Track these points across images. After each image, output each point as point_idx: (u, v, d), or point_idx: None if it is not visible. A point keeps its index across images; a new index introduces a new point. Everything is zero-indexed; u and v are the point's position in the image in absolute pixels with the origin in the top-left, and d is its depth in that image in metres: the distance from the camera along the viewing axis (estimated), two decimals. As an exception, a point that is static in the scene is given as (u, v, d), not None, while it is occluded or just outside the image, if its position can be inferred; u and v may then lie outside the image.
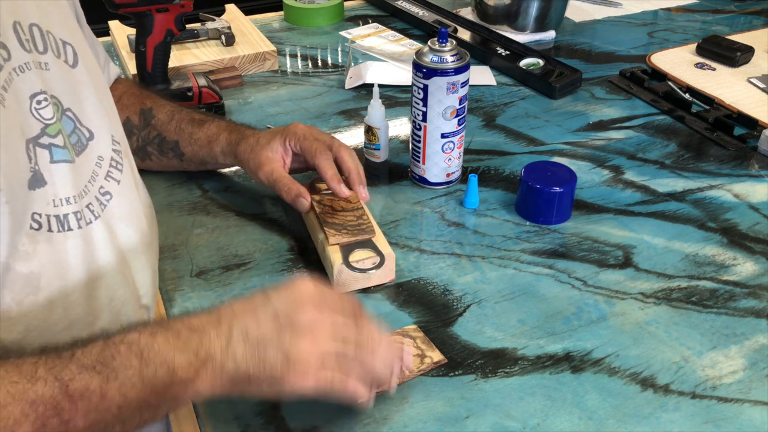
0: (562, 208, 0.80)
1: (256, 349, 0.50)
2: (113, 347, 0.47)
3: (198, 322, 0.50)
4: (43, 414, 0.43)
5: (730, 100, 1.05)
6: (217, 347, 0.49)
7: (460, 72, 0.78)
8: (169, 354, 0.48)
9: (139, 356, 0.47)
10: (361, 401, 0.52)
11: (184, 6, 0.91)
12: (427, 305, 0.69)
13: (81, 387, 0.45)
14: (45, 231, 0.53)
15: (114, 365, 0.46)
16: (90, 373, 0.45)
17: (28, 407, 0.43)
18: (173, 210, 0.83)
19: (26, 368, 0.44)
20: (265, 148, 0.78)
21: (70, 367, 0.45)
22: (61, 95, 0.56)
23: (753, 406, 0.59)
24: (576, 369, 0.62)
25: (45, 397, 0.44)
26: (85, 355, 0.46)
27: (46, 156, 0.54)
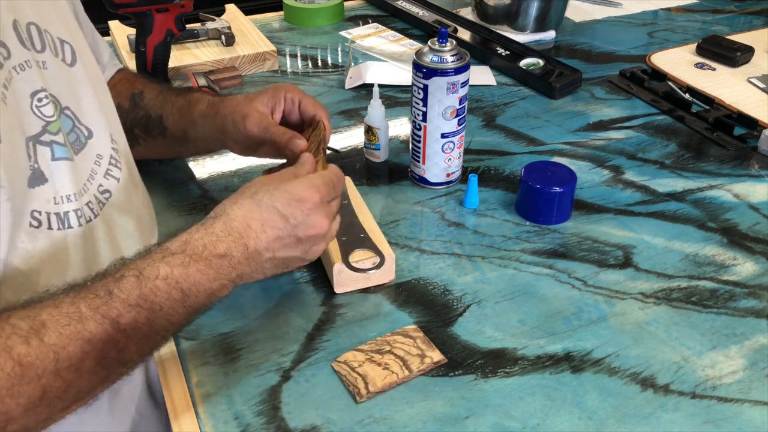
0: (562, 208, 0.80)
1: (283, 263, 0.58)
2: (150, 283, 0.50)
3: (224, 247, 0.54)
4: (102, 349, 0.47)
5: (730, 100, 1.05)
6: (248, 267, 0.56)
7: (460, 72, 0.78)
8: (207, 284, 0.53)
9: (179, 289, 0.51)
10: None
11: (184, 6, 0.91)
12: (427, 305, 0.69)
13: (131, 321, 0.49)
14: (45, 228, 0.54)
15: (158, 300, 0.50)
16: (137, 310, 0.49)
17: (86, 345, 0.46)
18: (173, 210, 0.83)
19: (67, 309, 0.47)
20: (253, 101, 0.74)
21: (114, 305, 0.48)
22: (59, 94, 0.56)
23: (753, 406, 0.59)
24: (576, 369, 0.62)
25: (100, 335, 0.47)
26: (124, 292, 0.49)
27: (48, 153, 0.54)
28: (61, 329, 0.46)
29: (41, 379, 0.44)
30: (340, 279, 0.69)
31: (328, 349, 0.64)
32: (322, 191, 0.59)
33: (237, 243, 0.55)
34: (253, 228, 0.55)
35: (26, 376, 0.44)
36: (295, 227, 0.57)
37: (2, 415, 0.43)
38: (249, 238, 0.55)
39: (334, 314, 0.68)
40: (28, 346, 0.44)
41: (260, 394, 0.60)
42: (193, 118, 0.77)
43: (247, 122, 0.72)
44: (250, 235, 0.55)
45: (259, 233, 0.56)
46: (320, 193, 0.59)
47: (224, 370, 0.62)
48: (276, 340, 0.65)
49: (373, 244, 0.71)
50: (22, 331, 0.45)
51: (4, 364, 0.43)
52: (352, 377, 0.60)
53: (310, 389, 0.60)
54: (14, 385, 0.43)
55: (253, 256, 0.56)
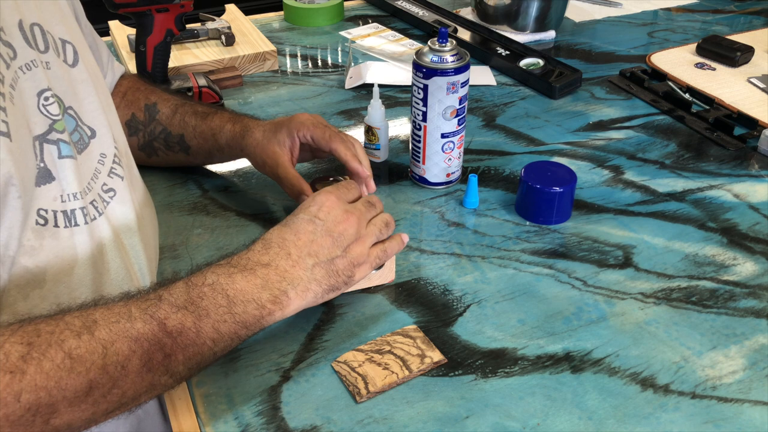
0: (562, 208, 0.80)
1: (329, 266, 0.59)
2: (197, 289, 0.52)
3: (267, 258, 0.57)
4: (148, 349, 0.48)
5: (730, 100, 1.05)
6: (296, 274, 0.57)
7: (460, 72, 0.78)
8: (254, 292, 0.54)
9: (225, 296, 0.53)
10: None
11: (184, 6, 0.91)
12: (427, 305, 0.69)
13: (177, 324, 0.50)
14: (51, 226, 0.54)
15: (204, 305, 0.52)
16: (183, 312, 0.51)
17: (133, 343, 0.48)
18: (173, 210, 0.83)
19: (118, 309, 0.49)
20: (272, 141, 0.77)
21: (162, 307, 0.50)
22: (62, 94, 0.57)
23: (753, 406, 0.59)
24: (576, 369, 0.62)
25: (147, 334, 0.48)
26: (173, 296, 0.51)
27: (54, 152, 0.55)
28: (111, 326, 0.47)
29: (89, 372, 0.45)
30: (340, 279, 0.69)
31: (328, 349, 0.64)
32: (334, 193, 0.64)
33: (279, 253, 0.58)
34: (288, 239, 0.59)
35: (75, 369, 0.45)
36: (324, 224, 0.60)
37: (48, 407, 0.44)
38: (290, 248, 0.58)
39: (334, 314, 0.68)
40: (79, 339, 0.46)
41: (260, 394, 0.60)
42: (220, 146, 0.81)
43: (266, 167, 0.77)
44: (289, 245, 0.58)
45: (295, 240, 0.59)
46: (334, 194, 0.63)
47: (224, 370, 0.62)
48: (276, 340, 0.65)
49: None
50: (75, 327, 0.46)
51: (55, 355, 0.44)
52: (352, 377, 0.61)
53: (310, 389, 0.60)
54: (62, 378, 0.44)
55: (299, 262, 0.58)
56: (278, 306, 0.56)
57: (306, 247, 0.59)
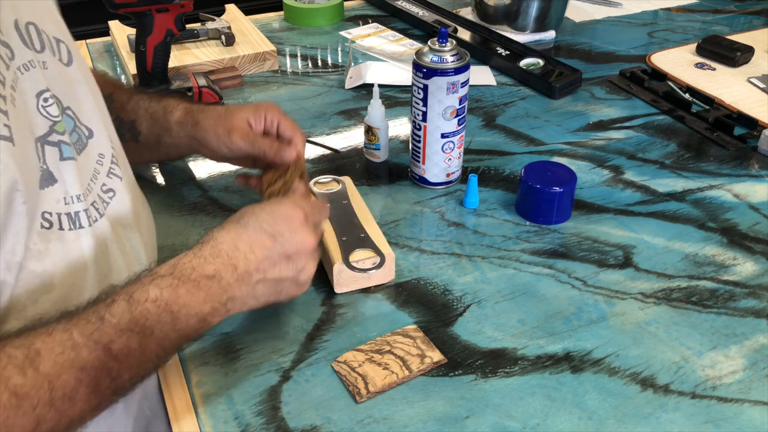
0: (562, 208, 0.80)
1: (275, 286, 0.58)
2: (140, 306, 0.50)
3: (212, 269, 0.54)
4: (95, 377, 0.47)
5: (730, 100, 1.05)
6: (239, 291, 0.55)
7: (460, 72, 0.78)
8: (197, 306, 0.53)
9: (169, 312, 0.51)
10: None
11: (184, 6, 0.91)
12: (427, 305, 0.69)
13: (123, 347, 0.48)
14: (56, 229, 0.54)
15: (149, 324, 0.50)
16: (128, 335, 0.49)
17: (80, 373, 0.46)
18: (173, 210, 0.83)
19: (60, 337, 0.47)
20: (236, 115, 0.75)
21: (106, 330, 0.48)
22: (60, 94, 0.56)
23: (753, 406, 0.59)
24: (576, 369, 0.62)
25: (93, 362, 0.47)
26: (115, 317, 0.49)
27: (56, 154, 0.54)
28: (56, 357, 0.45)
29: (35, 409, 0.44)
30: (340, 279, 0.69)
31: (328, 349, 0.64)
32: (307, 210, 0.61)
33: (226, 265, 0.55)
34: (241, 249, 0.56)
35: (21, 407, 0.43)
36: (284, 244, 0.58)
37: None
38: (238, 260, 0.55)
39: (334, 314, 0.68)
40: (24, 376, 0.44)
41: (260, 394, 0.60)
42: (169, 124, 0.77)
43: (233, 136, 0.74)
44: (239, 256, 0.56)
45: (248, 254, 0.56)
46: (305, 211, 0.60)
47: (224, 370, 0.62)
48: (276, 340, 0.65)
49: (373, 244, 0.71)
50: (18, 360, 0.44)
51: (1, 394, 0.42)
52: (352, 377, 0.60)
53: (310, 389, 0.60)
54: (9, 417, 0.43)
55: (244, 278, 0.56)
56: (216, 317, 0.55)
57: (256, 263, 0.56)
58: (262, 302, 0.58)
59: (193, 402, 0.59)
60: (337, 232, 0.72)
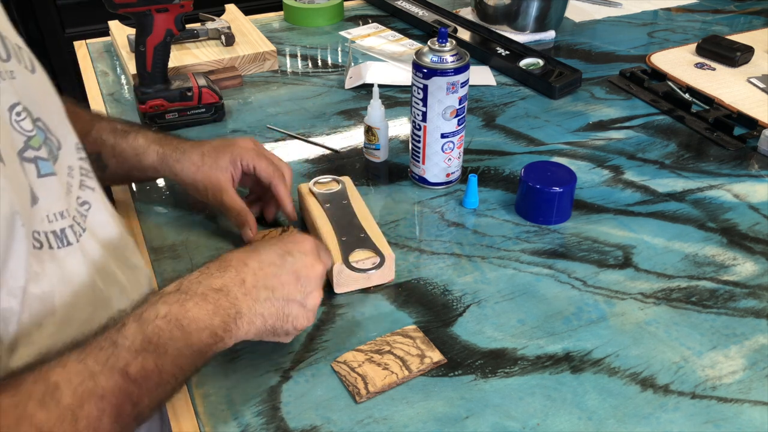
0: (561, 208, 0.80)
1: (282, 308, 0.57)
2: (150, 325, 0.49)
3: (220, 282, 0.54)
4: (116, 404, 0.46)
5: (729, 100, 1.05)
6: (245, 306, 0.55)
7: (460, 72, 0.78)
8: (206, 319, 0.52)
9: (180, 327, 0.50)
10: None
11: (184, 6, 0.91)
12: (427, 305, 0.69)
13: (140, 369, 0.48)
14: (47, 249, 0.52)
15: (162, 341, 0.49)
16: (143, 355, 0.48)
17: (101, 402, 0.45)
18: (173, 210, 0.83)
19: (76, 367, 0.46)
20: (213, 167, 0.74)
21: (120, 355, 0.47)
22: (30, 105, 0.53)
23: (753, 406, 0.59)
24: (576, 369, 0.62)
25: (113, 389, 0.46)
26: (128, 339, 0.48)
27: (33, 171, 0.51)
28: (75, 388, 0.44)
29: None
30: (340, 279, 0.69)
31: (328, 349, 0.64)
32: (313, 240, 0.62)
33: (234, 279, 0.55)
34: (250, 265, 0.56)
35: None
36: (293, 263, 0.58)
37: None
38: (246, 274, 0.55)
39: (334, 314, 0.68)
40: (47, 411, 0.43)
41: (260, 394, 0.60)
42: (142, 166, 0.76)
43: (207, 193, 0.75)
44: (247, 271, 0.55)
45: (256, 270, 0.56)
46: (311, 239, 0.61)
47: (224, 370, 0.62)
48: (276, 340, 0.65)
49: (373, 244, 0.71)
50: (38, 395, 0.43)
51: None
52: (351, 377, 0.61)
53: (309, 389, 0.60)
54: None
55: (251, 292, 0.55)
56: (228, 334, 0.54)
57: (264, 279, 0.56)
58: (269, 325, 0.57)
59: (193, 402, 0.59)
60: (337, 232, 0.72)
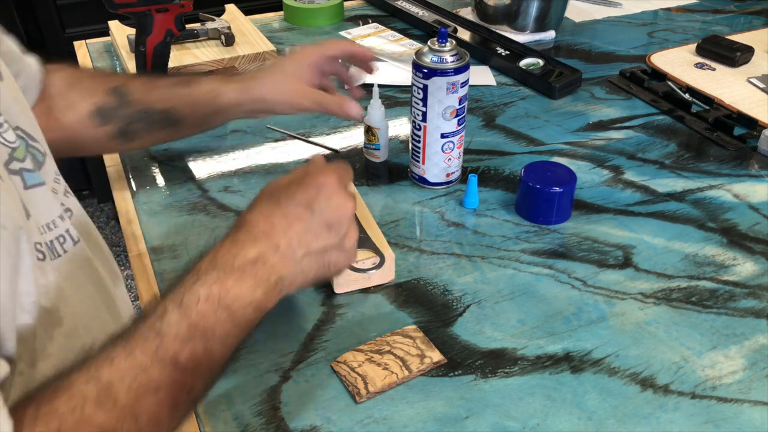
0: (561, 208, 0.80)
1: (321, 258, 0.55)
2: (194, 310, 0.48)
3: (254, 252, 0.51)
4: (172, 394, 0.45)
5: (729, 100, 1.05)
6: (286, 269, 0.53)
7: (460, 72, 0.78)
8: (249, 294, 0.50)
9: (225, 308, 0.49)
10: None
11: (184, 6, 0.91)
12: (427, 305, 0.69)
13: (190, 357, 0.46)
14: (49, 260, 0.51)
15: (209, 325, 0.48)
16: (192, 342, 0.47)
17: (158, 394, 0.45)
18: (173, 210, 0.83)
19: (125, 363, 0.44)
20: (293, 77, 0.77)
21: (168, 344, 0.46)
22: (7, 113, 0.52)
23: (753, 406, 0.59)
24: (576, 369, 0.62)
25: (166, 380, 0.45)
26: (172, 327, 0.46)
27: (19, 183, 0.50)
28: (129, 385, 0.43)
29: None
30: (340, 279, 0.69)
31: (328, 349, 0.64)
32: (337, 173, 0.57)
33: (267, 245, 0.52)
34: (278, 226, 0.53)
35: None
36: (321, 213, 0.54)
37: None
38: (278, 238, 0.52)
39: (334, 314, 0.68)
40: (107, 412, 0.42)
41: (260, 394, 0.60)
42: (221, 107, 0.76)
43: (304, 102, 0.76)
44: (278, 234, 0.52)
45: (286, 229, 0.53)
46: (335, 174, 0.57)
47: (224, 370, 0.62)
48: (276, 340, 0.65)
49: (373, 244, 0.71)
50: (92, 396, 0.42)
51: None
52: (351, 377, 0.61)
53: (309, 389, 0.60)
54: None
55: (288, 255, 0.53)
56: (271, 302, 0.52)
57: (297, 237, 0.53)
58: (311, 277, 0.55)
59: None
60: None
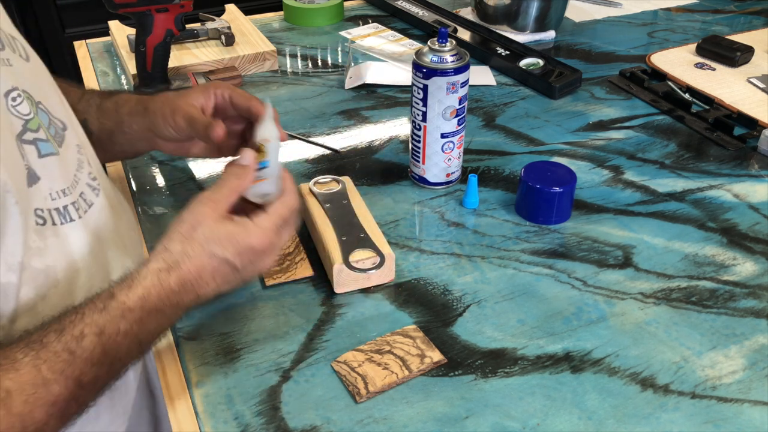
0: (561, 208, 0.80)
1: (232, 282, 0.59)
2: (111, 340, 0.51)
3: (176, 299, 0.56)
4: (64, 407, 0.48)
5: (730, 100, 1.05)
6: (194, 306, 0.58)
7: (460, 72, 0.78)
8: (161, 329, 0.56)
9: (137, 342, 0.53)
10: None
11: (184, 6, 0.91)
12: (427, 305, 0.69)
13: (92, 378, 0.50)
14: (50, 225, 0.54)
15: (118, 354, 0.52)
16: (98, 366, 0.50)
17: (51, 408, 0.48)
18: (173, 210, 0.83)
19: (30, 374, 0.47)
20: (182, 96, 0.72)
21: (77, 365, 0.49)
22: (29, 89, 0.56)
23: (753, 406, 0.59)
24: (576, 369, 0.62)
25: (64, 395, 0.48)
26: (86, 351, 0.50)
27: (34, 152, 0.54)
28: (27, 397, 0.46)
29: None
30: (340, 279, 0.69)
31: (328, 349, 0.64)
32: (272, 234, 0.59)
33: (189, 293, 0.57)
34: (203, 278, 0.57)
35: None
36: (244, 272, 0.59)
37: None
38: (200, 287, 0.57)
39: (334, 314, 0.68)
40: None
41: (260, 394, 0.60)
42: (121, 117, 0.74)
43: (176, 116, 0.70)
44: (201, 284, 0.57)
45: (209, 281, 0.57)
46: (269, 237, 0.59)
47: (224, 370, 0.62)
48: (276, 340, 0.65)
49: (373, 244, 0.71)
50: None
51: None
52: (351, 377, 0.61)
53: (309, 389, 0.60)
54: None
55: (202, 299, 0.58)
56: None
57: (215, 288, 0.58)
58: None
59: (193, 402, 0.59)
60: (337, 232, 0.72)
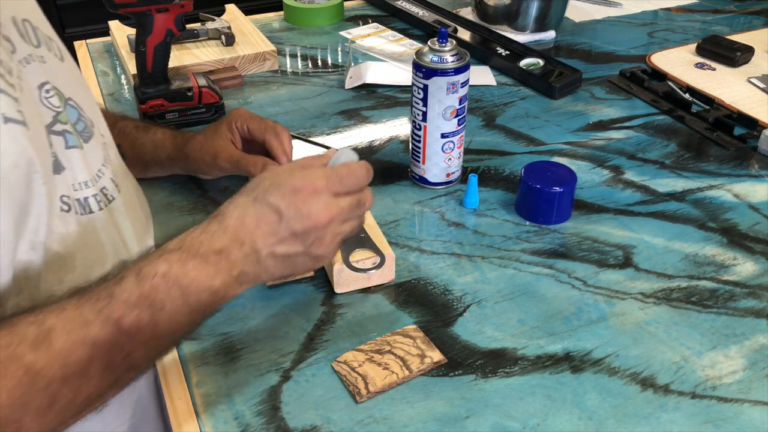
0: (562, 208, 0.80)
1: (285, 261, 0.56)
2: (148, 282, 0.50)
3: (220, 244, 0.54)
4: (108, 352, 0.48)
5: (730, 100, 1.05)
6: (249, 266, 0.55)
7: (460, 72, 0.78)
8: (207, 281, 0.52)
9: (179, 286, 0.51)
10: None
11: (184, 6, 0.91)
12: (427, 305, 0.69)
13: (133, 322, 0.49)
14: (74, 213, 0.56)
15: (159, 298, 0.50)
16: (138, 309, 0.49)
17: (92, 349, 0.47)
18: (173, 210, 0.83)
19: (72, 314, 0.47)
20: (215, 138, 0.79)
21: (116, 306, 0.48)
22: (60, 86, 0.58)
23: (753, 406, 0.59)
24: (576, 369, 0.62)
25: (105, 338, 0.47)
26: (125, 292, 0.49)
27: (62, 142, 0.56)
28: (68, 335, 0.46)
29: (50, 386, 0.45)
30: (340, 279, 0.69)
31: (328, 349, 0.64)
32: (322, 182, 0.57)
33: (233, 240, 0.54)
34: (247, 225, 0.55)
35: (36, 384, 0.44)
36: (289, 221, 0.55)
37: (14, 423, 0.43)
38: (244, 235, 0.54)
39: (334, 314, 0.68)
40: (37, 354, 0.44)
41: (260, 394, 0.60)
42: (160, 160, 0.82)
43: (219, 161, 0.78)
44: (245, 232, 0.54)
45: (253, 230, 0.54)
46: (317, 183, 0.56)
47: (224, 370, 0.62)
48: (276, 340, 0.65)
49: (373, 244, 0.71)
50: (31, 338, 0.45)
51: (15, 371, 0.43)
52: (352, 377, 0.61)
53: (310, 389, 0.60)
54: (24, 394, 0.44)
55: (251, 254, 0.54)
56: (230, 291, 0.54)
57: (262, 238, 0.55)
58: (277, 276, 0.57)
59: (194, 402, 0.59)
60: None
